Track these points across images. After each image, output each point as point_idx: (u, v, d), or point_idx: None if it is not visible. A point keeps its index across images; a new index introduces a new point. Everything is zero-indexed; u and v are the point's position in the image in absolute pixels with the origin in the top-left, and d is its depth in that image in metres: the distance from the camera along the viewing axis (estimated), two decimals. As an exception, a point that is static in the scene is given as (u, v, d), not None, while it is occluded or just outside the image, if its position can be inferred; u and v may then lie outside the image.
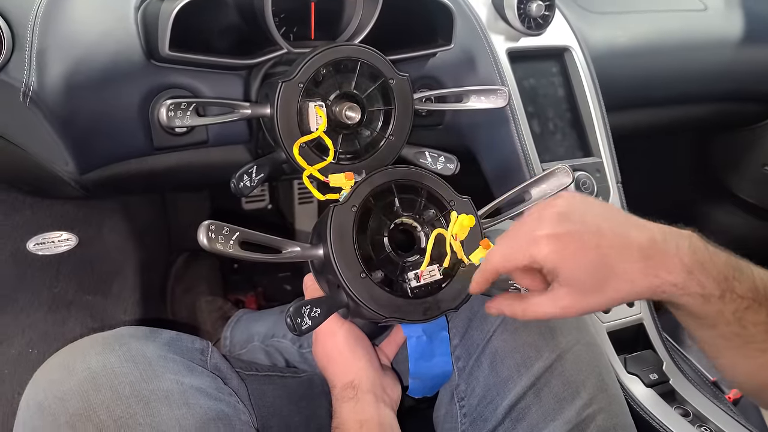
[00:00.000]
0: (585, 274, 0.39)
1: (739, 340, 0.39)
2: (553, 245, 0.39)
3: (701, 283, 0.38)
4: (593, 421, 0.52)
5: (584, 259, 0.38)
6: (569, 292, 0.40)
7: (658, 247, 0.38)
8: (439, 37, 0.68)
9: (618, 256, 0.38)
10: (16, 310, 0.89)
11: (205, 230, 0.42)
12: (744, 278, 0.39)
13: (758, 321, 0.38)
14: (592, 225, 0.39)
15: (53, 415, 0.43)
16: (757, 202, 1.23)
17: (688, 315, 0.40)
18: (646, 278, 0.38)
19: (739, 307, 0.38)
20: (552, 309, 0.41)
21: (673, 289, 0.38)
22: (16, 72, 0.54)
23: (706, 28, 1.01)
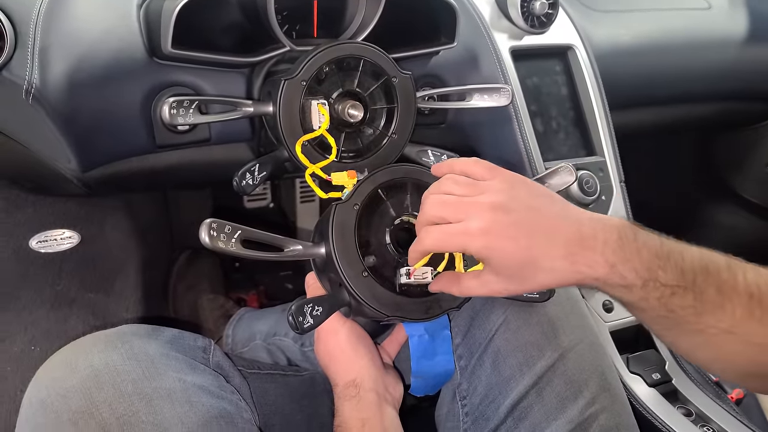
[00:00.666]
0: (512, 267, 0.41)
1: (670, 323, 0.41)
2: (485, 241, 0.40)
3: (623, 276, 0.39)
4: (596, 420, 0.52)
5: (513, 255, 0.40)
6: (498, 279, 0.42)
7: (585, 245, 0.40)
8: (442, 35, 0.67)
9: (545, 257, 0.40)
10: (19, 307, 0.89)
11: (206, 228, 0.42)
12: (670, 266, 0.40)
13: (685, 305, 0.40)
14: (525, 220, 0.41)
15: (56, 413, 0.43)
16: (760, 201, 1.22)
17: (618, 301, 0.42)
18: (570, 274, 0.40)
19: (663, 294, 0.40)
20: (481, 291, 0.44)
21: (595, 282, 0.40)
22: (19, 69, 0.54)
23: (710, 27, 1.00)
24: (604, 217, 0.42)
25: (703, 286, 0.40)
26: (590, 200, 0.78)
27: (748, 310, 0.40)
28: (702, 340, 0.41)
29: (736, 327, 0.40)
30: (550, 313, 0.55)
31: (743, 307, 0.40)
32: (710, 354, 0.42)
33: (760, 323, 0.39)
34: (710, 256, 0.41)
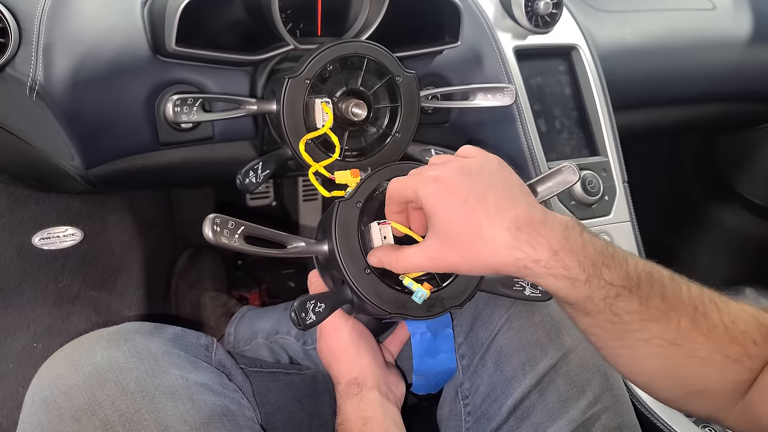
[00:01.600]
0: (453, 229, 0.40)
1: (617, 329, 0.40)
2: (436, 189, 0.40)
3: (566, 265, 0.38)
4: (598, 420, 0.52)
5: (457, 212, 0.39)
6: (437, 244, 0.41)
7: (532, 226, 0.39)
8: (446, 35, 0.67)
9: (488, 222, 0.39)
10: (21, 304, 0.90)
11: (210, 224, 0.42)
12: (615, 266, 0.39)
13: (631, 309, 0.39)
14: (482, 187, 0.40)
15: (58, 410, 0.43)
16: (763, 202, 1.22)
17: (563, 302, 0.41)
18: (510, 250, 0.39)
19: (608, 294, 0.39)
20: (419, 259, 0.42)
21: (536, 266, 0.39)
22: (23, 66, 0.54)
23: (714, 28, 1.00)
24: (556, 213, 0.41)
25: (648, 292, 0.39)
26: (593, 200, 0.78)
27: (693, 322, 0.39)
28: (648, 353, 0.40)
29: (681, 339, 0.39)
30: (553, 312, 0.55)
31: (688, 318, 0.39)
32: (655, 365, 0.41)
33: (706, 337, 0.39)
34: (654, 266, 0.41)
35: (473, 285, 0.50)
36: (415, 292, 0.46)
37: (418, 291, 0.46)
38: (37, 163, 0.61)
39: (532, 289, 0.52)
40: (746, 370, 0.39)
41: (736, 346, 0.39)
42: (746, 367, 0.39)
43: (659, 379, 0.42)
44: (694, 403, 0.43)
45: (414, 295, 0.46)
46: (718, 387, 0.40)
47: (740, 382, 0.40)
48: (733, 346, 0.39)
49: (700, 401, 0.42)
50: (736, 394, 0.40)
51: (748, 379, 0.40)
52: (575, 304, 0.40)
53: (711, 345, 0.39)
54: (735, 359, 0.39)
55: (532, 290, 0.52)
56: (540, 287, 0.52)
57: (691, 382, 0.41)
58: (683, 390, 0.42)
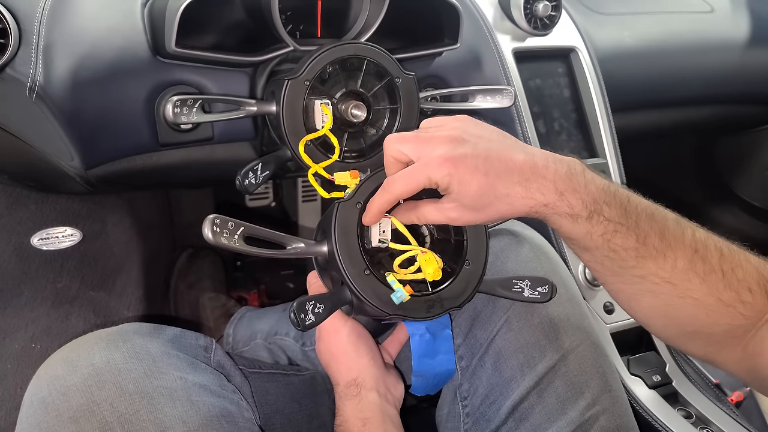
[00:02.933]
0: (472, 196, 0.42)
1: (614, 265, 0.42)
2: (448, 168, 0.42)
3: (570, 204, 0.41)
4: (596, 421, 0.52)
5: (473, 183, 0.42)
6: (456, 207, 0.43)
7: (538, 172, 0.42)
8: (446, 37, 0.67)
9: (502, 182, 0.42)
10: (20, 304, 0.90)
11: (210, 224, 0.42)
12: (615, 203, 0.42)
13: (627, 246, 0.41)
14: (482, 150, 0.42)
15: (57, 411, 0.43)
16: (762, 204, 1.22)
17: (564, 237, 0.44)
18: (524, 200, 0.42)
19: (607, 230, 0.41)
20: (438, 217, 0.45)
21: (545, 209, 0.42)
22: (23, 67, 0.54)
23: (713, 30, 1.00)
24: (555, 154, 0.44)
25: (646, 230, 0.41)
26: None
27: (690, 263, 0.41)
28: (644, 289, 0.42)
29: (676, 278, 0.41)
30: (552, 314, 0.55)
31: (686, 259, 0.41)
32: (651, 303, 0.43)
33: (701, 279, 0.41)
34: (659, 208, 0.43)
35: (472, 286, 0.50)
36: (396, 291, 0.46)
37: (398, 291, 0.46)
38: (36, 163, 0.61)
39: (531, 290, 0.52)
40: (739, 316, 0.40)
41: (730, 291, 0.40)
42: (738, 313, 0.40)
43: (655, 316, 0.44)
44: (689, 343, 0.45)
45: (393, 294, 0.46)
46: (710, 329, 0.42)
47: (732, 328, 0.41)
48: (727, 291, 0.40)
49: (695, 342, 0.44)
50: (729, 338, 0.41)
51: (741, 325, 0.41)
52: (575, 240, 0.43)
53: (705, 287, 0.41)
54: (727, 304, 0.40)
55: (530, 292, 0.52)
56: (538, 290, 0.52)
57: (684, 322, 0.43)
58: (678, 329, 0.44)
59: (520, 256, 0.58)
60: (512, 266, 0.57)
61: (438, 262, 0.48)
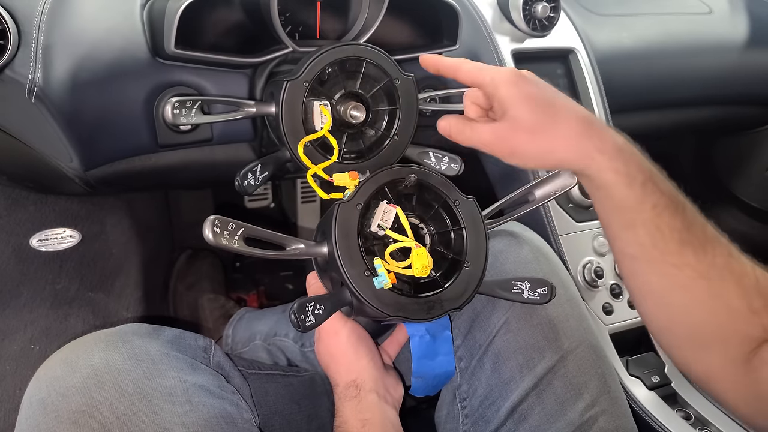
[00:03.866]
0: (529, 113, 0.41)
1: (655, 249, 0.41)
2: (514, 78, 0.43)
3: (627, 162, 0.40)
4: (595, 423, 0.52)
5: (534, 101, 0.41)
6: (508, 126, 0.42)
7: (599, 123, 0.42)
8: (445, 38, 0.68)
9: (564, 110, 0.42)
10: (19, 306, 0.89)
11: (210, 225, 0.42)
12: (664, 183, 0.42)
13: (674, 226, 0.40)
14: (550, 88, 0.44)
15: (56, 412, 0.43)
16: (760, 205, 1.22)
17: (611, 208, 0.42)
18: (580, 138, 0.41)
19: (658, 203, 0.40)
20: (489, 137, 0.44)
21: (600, 158, 0.40)
22: (22, 68, 0.54)
23: (711, 32, 1.01)
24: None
25: (692, 218, 0.41)
26: (590, 203, 0.78)
27: (727, 263, 0.40)
28: (677, 283, 0.41)
29: (713, 274, 0.40)
30: (551, 315, 0.55)
31: (724, 257, 0.40)
32: (678, 300, 0.41)
33: (736, 281, 0.40)
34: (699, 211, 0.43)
35: (472, 288, 0.50)
36: (379, 276, 0.46)
37: (381, 276, 0.46)
38: (35, 164, 0.61)
39: (531, 291, 0.52)
40: (759, 327, 0.39)
41: (760, 299, 0.40)
42: (761, 323, 0.39)
43: (677, 317, 0.42)
44: (699, 355, 0.43)
45: (376, 279, 0.46)
46: (728, 338, 0.40)
47: (749, 339, 0.40)
48: (759, 299, 0.40)
49: (704, 354, 0.42)
50: (739, 352, 0.40)
51: (757, 338, 0.40)
52: (625, 210, 0.41)
53: (739, 290, 0.40)
54: (755, 311, 0.39)
55: (530, 293, 0.52)
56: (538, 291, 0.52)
57: (705, 328, 0.41)
58: (694, 336, 0.42)
59: (520, 257, 0.58)
60: (512, 267, 0.57)
61: (429, 261, 0.48)
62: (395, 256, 0.49)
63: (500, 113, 0.43)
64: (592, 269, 0.74)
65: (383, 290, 0.47)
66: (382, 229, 0.49)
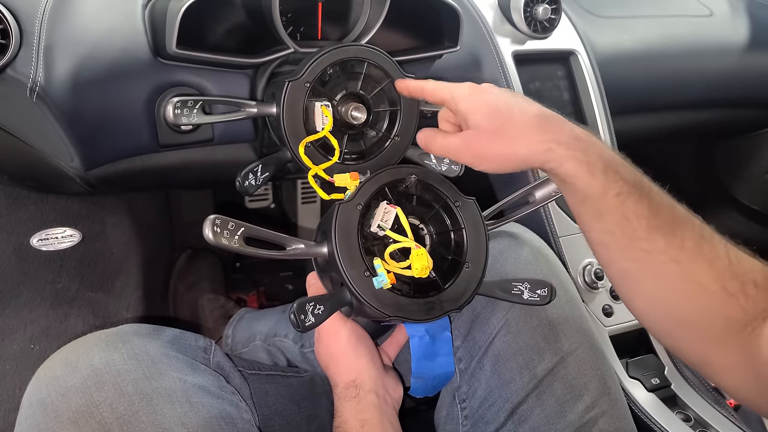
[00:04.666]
0: (488, 118, 0.45)
1: (624, 236, 0.42)
2: (470, 90, 0.47)
3: (586, 151, 0.42)
4: (595, 424, 0.52)
5: (491, 105, 0.45)
6: (473, 134, 0.46)
7: (555, 117, 0.45)
8: (446, 39, 0.68)
9: (519, 111, 0.44)
10: (19, 305, 0.89)
11: (210, 224, 0.42)
12: (629, 168, 0.43)
13: (640, 213, 0.41)
14: (504, 92, 0.47)
15: (55, 412, 0.43)
16: (761, 208, 1.22)
17: (578, 199, 0.43)
18: (537, 134, 0.43)
19: (622, 190, 0.41)
20: (456, 145, 0.47)
21: (559, 148, 0.42)
22: (24, 67, 0.54)
23: (712, 34, 1.01)
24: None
25: (659, 203, 0.42)
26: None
27: (697, 246, 0.41)
28: (649, 267, 0.42)
29: (683, 257, 0.40)
30: (551, 316, 0.55)
31: (694, 240, 0.41)
32: (654, 286, 0.42)
33: (708, 263, 0.40)
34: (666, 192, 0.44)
35: (472, 289, 0.50)
36: (378, 276, 0.46)
37: (381, 276, 0.46)
38: (36, 164, 0.61)
39: (530, 293, 0.52)
40: (739, 309, 0.39)
41: (735, 281, 0.40)
42: (740, 305, 0.39)
43: (656, 303, 0.43)
44: (686, 341, 0.43)
45: (375, 278, 0.47)
46: (709, 321, 0.41)
47: (732, 320, 0.40)
48: (733, 281, 0.40)
49: (692, 339, 0.42)
50: (726, 334, 0.40)
51: (739, 319, 0.40)
52: (591, 199, 0.42)
53: (711, 272, 0.40)
54: (731, 293, 0.40)
55: (530, 294, 0.52)
56: (537, 292, 0.52)
57: (684, 312, 0.41)
58: (676, 321, 0.42)
59: (520, 258, 0.58)
60: (511, 269, 0.57)
61: (429, 262, 0.48)
62: (395, 256, 0.49)
63: (464, 124, 0.47)
64: (592, 271, 0.74)
65: (383, 291, 0.47)
66: (382, 230, 0.49)
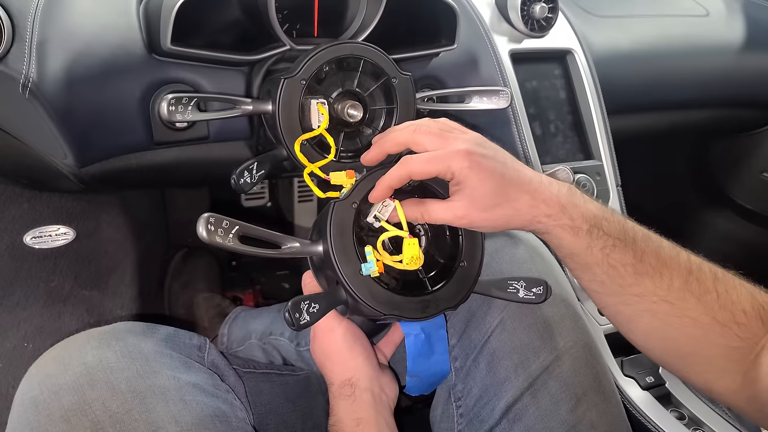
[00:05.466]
0: (485, 194, 0.44)
1: (614, 284, 0.44)
2: (470, 162, 0.44)
3: (572, 216, 0.45)
4: (590, 422, 0.52)
5: (490, 182, 0.44)
6: (465, 205, 0.45)
7: (544, 188, 0.45)
8: (443, 37, 0.67)
9: (514, 188, 0.45)
10: (12, 303, 0.89)
11: (204, 223, 0.42)
12: (613, 221, 0.45)
13: (625, 261, 0.43)
14: (501, 158, 0.46)
15: (48, 410, 0.43)
16: (756, 208, 1.23)
17: (565, 254, 0.46)
18: (530, 209, 0.45)
19: (606, 244, 0.44)
20: (445, 215, 0.46)
21: (547, 220, 0.45)
22: (16, 63, 0.53)
23: (708, 34, 1.01)
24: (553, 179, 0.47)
25: (643, 248, 0.44)
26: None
27: (685, 283, 0.43)
28: (642, 308, 0.44)
29: (673, 297, 0.43)
30: (546, 314, 0.55)
31: (681, 279, 0.43)
32: (649, 324, 0.44)
33: (697, 299, 0.42)
34: (654, 234, 0.46)
35: (467, 287, 0.50)
36: (368, 263, 0.46)
37: (370, 263, 0.46)
38: (29, 161, 0.61)
39: (526, 291, 0.52)
40: (734, 337, 0.41)
41: (724, 312, 0.42)
42: (734, 334, 0.41)
43: (654, 338, 0.45)
44: (688, 369, 0.45)
45: (364, 265, 0.46)
46: (708, 351, 0.43)
47: (729, 349, 0.42)
48: (722, 312, 0.42)
49: (694, 367, 0.45)
50: (728, 362, 0.42)
51: (738, 347, 0.41)
52: (577, 255, 0.45)
53: (700, 307, 0.42)
54: (722, 323, 0.41)
55: (525, 292, 0.52)
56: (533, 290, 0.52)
57: (682, 344, 0.44)
58: (676, 352, 0.45)
59: (515, 256, 0.58)
60: (507, 267, 0.57)
61: (420, 254, 0.48)
62: (388, 250, 0.49)
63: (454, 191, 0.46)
64: (587, 270, 0.74)
65: (379, 289, 0.47)
66: (378, 221, 0.49)
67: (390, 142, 0.48)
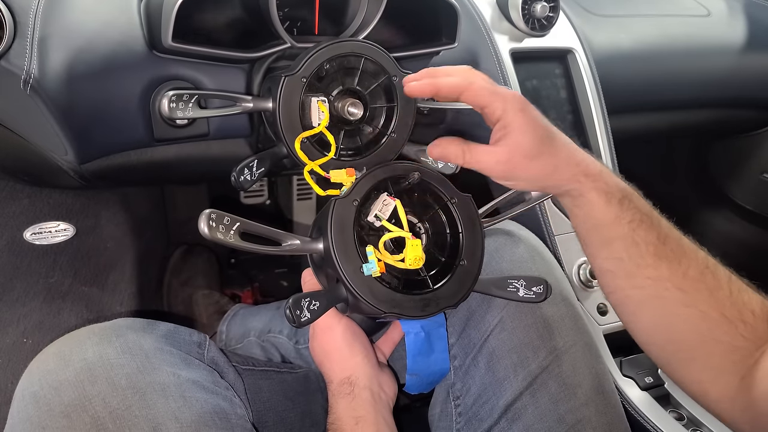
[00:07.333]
0: (531, 141, 0.44)
1: (631, 262, 0.44)
2: (522, 107, 0.45)
3: (607, 183, 0.45)
4: (588, 422, 0.52)
5: (538, 131, 0.44)
6: (509, 151, 0.45)
7: (581, 152, 0.47)
8: (444, 36, 0.67)
9: (558, 142, 0.46)
10: (12, 299, 0.89)
11: (206, 219, 0.42)
12: (641, 200, 0.46)
13: (649, 240, 0.44)
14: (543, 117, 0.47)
15: (48, 405, 0.43)
16: (756, 209, 1.23)
17: (590, 226, 0.46)
18: (570, 166, 0.45)
19: (634, 218, 0.44)
20: (488, 158, 0.46)
21: (585, 180, 0.45)
22: (18, 59, 0.53)
23: (709, 34, 1.01)
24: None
25: (667, 233, 0.44)
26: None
27: (701, 275, 0.43)
28: (652, 293, 0.44)
29: (687, 286, 0.43)
30: (546, 314, 0.55)
31: (698, 270, 0.43)
32: (657, 311, 0.44)
33: (710, 293, 0.42)
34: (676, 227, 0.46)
35: (467, 286, 0.50)
36: (369, 263, 0.46)
37: (371, 263, 0.46)
38: (30, 157, 0.61)
39: (526, 290, 0.52)
40: (739, 336, 0.41)
41: (734, 309, 0.42)
42: (739, 332, 0.41)
43: (657, 329, 0.45)
44: (687, 367, 0.45)
45: (365, 265, 0.46)
46: (709, 348, 0.42)
47: (731, 348, 0.41)
48: (732, 309, 0.42)
49: (692, 365, 0.44)
50: (727, 362, 0.42)
51: (740, 347, 0.41)
52: (603, 227, 0.45)
53: (712, 300, 0.42)
54: (730, 320, 0.42)
55: (525, 291, 0.52)
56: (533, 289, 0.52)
57: (686, 336, 0.43)
58: (678, 346, 0.44)
59: (515, 256, 0.58)
60: (507, 266, 0.57)
61: (422, 255, 0.48)
62: (389, 249, 0.49)
63: (500, 136, 0.45)
64: (587, 269, 0.74)
65: (379, 287, 0.47)
66: (379, 220, 0.49)
67: (444, 74, 0.46)
